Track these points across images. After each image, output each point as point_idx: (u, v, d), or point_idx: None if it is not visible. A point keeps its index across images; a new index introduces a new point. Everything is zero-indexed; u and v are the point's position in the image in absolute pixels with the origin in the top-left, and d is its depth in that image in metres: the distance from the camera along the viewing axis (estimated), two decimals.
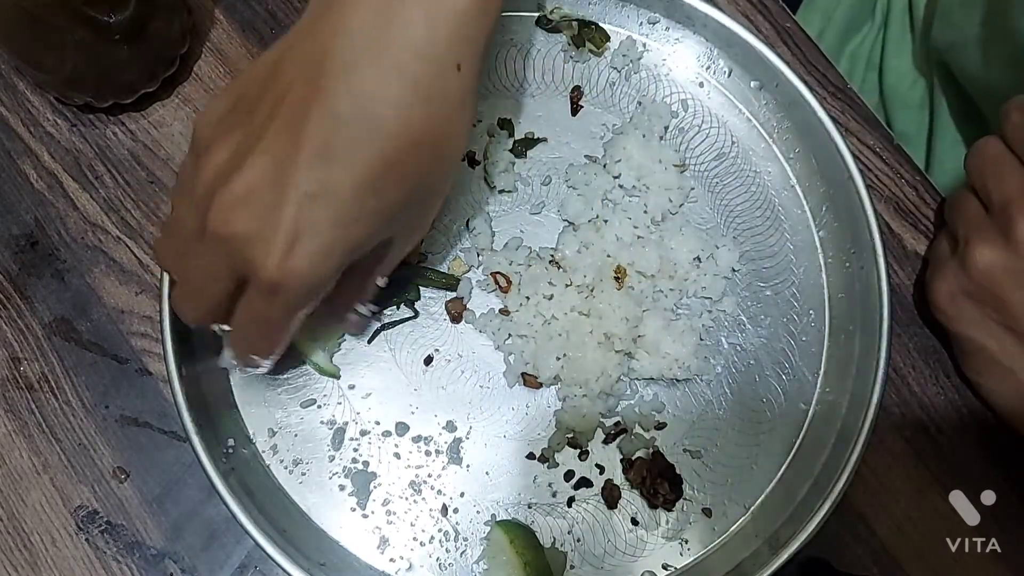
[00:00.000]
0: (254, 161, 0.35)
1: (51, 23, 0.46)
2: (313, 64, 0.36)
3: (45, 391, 0.50)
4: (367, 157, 0.36)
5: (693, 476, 0.48)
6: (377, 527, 0.47)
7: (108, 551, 0.48)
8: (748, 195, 0.52)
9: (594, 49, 0.53)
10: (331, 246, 0.36)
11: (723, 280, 0.50)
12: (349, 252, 0.37)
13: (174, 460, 0.49)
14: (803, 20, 0.57)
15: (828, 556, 0.47)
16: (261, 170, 0.35)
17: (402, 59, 0.36)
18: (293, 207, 0.35)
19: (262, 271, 0.36)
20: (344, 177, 0.35)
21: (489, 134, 0.52)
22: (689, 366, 0.48)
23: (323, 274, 0.37)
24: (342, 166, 0.35)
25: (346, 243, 0.37)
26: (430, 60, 0.36)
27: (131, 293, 0.51)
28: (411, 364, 0.49)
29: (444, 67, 0.37)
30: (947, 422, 0.49)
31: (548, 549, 0.47)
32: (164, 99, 0.54)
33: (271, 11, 0.55)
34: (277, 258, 0.35)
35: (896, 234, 0.52)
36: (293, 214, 0.35)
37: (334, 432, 0.48)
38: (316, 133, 0.35)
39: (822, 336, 0.50)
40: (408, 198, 0.38)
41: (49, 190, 0.53)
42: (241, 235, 0.36)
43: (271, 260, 0.35)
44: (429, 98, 0.36)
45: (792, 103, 0.51)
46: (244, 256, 0.36)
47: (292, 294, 0.37)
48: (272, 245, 0.35)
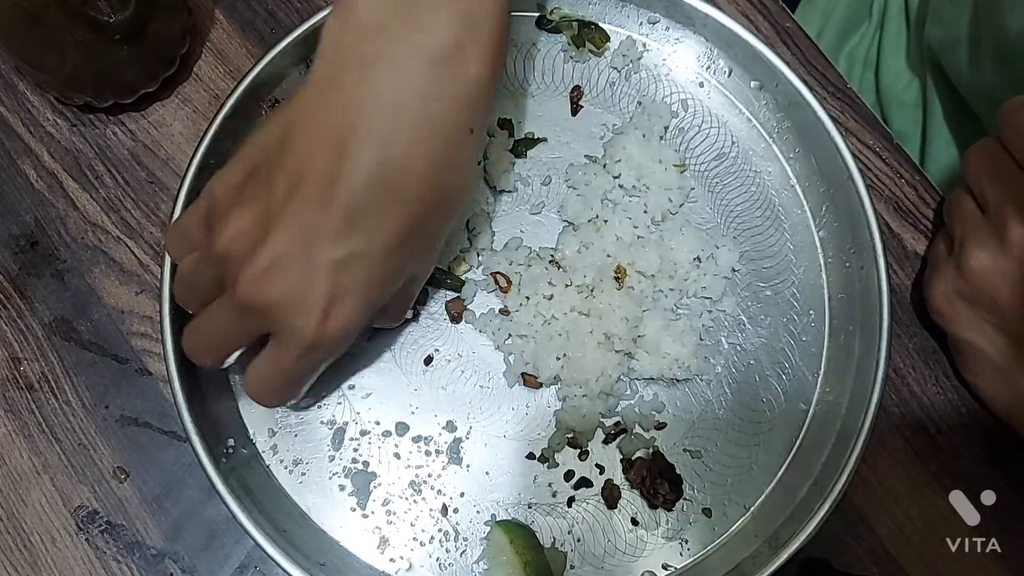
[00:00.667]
0: (279, 234, 0.37)
1: (51, 23, 0.46)
2: (333, 139, 0.37)
3: (45, 391, 0.50)
4: (394, 225, 0.38)
5: (693, 476, 0.48)
6: (377, 527, 0.47)
7: (108, 551, 0.48)
8: (748, 195, 0.52)
9: (594, 49, 0.53)
10: (365, 304, 0.39)
11: (723, 280, 0.50)
12: (380, 304, 0.41)
13: (174, 460, 0.49)
14: (802, 20, 0.57)
15: (828, 556, 0.47)
16: (288, 242, 0.37)
17: (422, 133, 0.38)
18: (325, 274, 0.37)
19: (301, 335, 0.38)
20: (372, 244, 0.38)
21: (489, 134, 0.52)
22: (689, 366, 0.48)
23: (358, 328, 0.40)
24: (370, 234, 0.38)
25: (379, 298, 0.40)
26: (449, 130, 0.38)
27: (131, 293, 0.51)
28: (411, 364, 0.49)
29: (460, 135, 0.39)
30: (947, 422, 0.49)
31: (548, 549, 0.47)
32: (164, 99, 0.54)
33: (271, 11, 0.55)
34: (315, 322, 0.38)
35: (896, 234, 0.52)
36: (326, 281, 0.37)
37: (334, 432, 0.48)
38: (342, 205, 0.37)
39: (822, 336, 0.50)
40: (429, 247, 0.42)
41: (49, 190, 0.53)
42: (276, 304, 0.38)
43: (310, 325, 0.38)
44: (448, 164, 0.39)
45: (792, 103, 0.51)
46: (280, 323, 0.39)
47: (328, 351, 0.40)
48: (310, 311, 0.38)
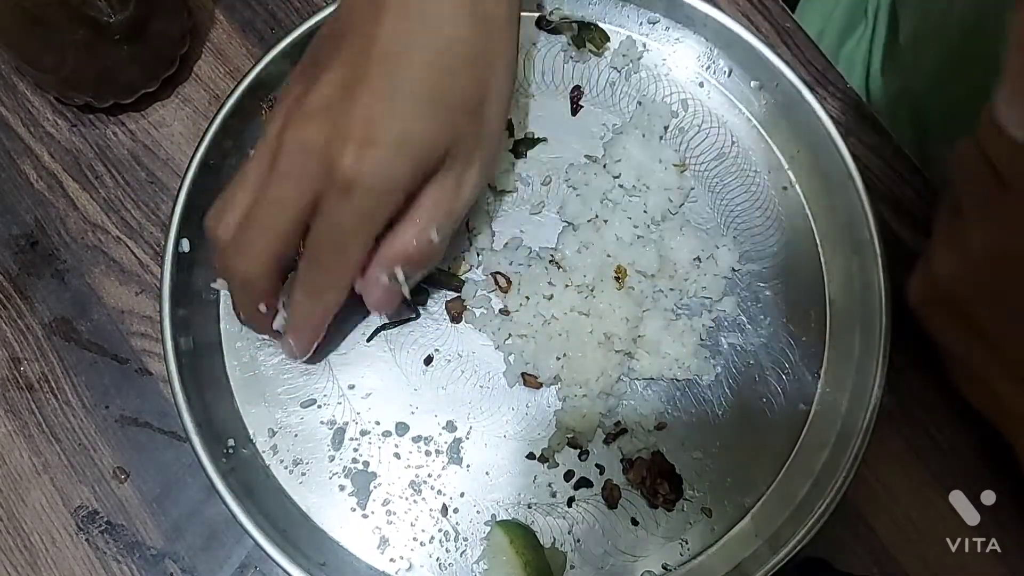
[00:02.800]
0: (325, 79, 0.40)
1: (51, 23, 0.46)
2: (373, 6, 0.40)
3: (45, 391, 0.50)
4: (426, 60, 0.40)
5: (693, 476, 0.48)
6: (377, 527, 0.47)
7: (108, 551, 0.48)
8: (748, 195, 0.52)
9: (594, 49, 0.53)
10: (401, 140, 0.40)
11: (723, 280, 0.50)
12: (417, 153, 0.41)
13: (174, 460, 0.49)
14: (801, 21, 0.57)
15: (828, 556, 0.47)
16: (332, 85, 0.40)
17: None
18: (363, 106, 0.39)
19: (338, 169, 0.39)
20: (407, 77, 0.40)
21: None
22: (689, 366, 0.48)
23: (396, 173, 0.40)
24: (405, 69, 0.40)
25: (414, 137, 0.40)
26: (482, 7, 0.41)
27: (131, 293, 0.51)
28: (411, 364, 0.49)
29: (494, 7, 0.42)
30: (947, 422, 0.49)
31: (548, 549, 0.47)
32: (164, 99, 0.54)
33: (271, 11, 0.55)
34: (353, 154, 0.39)
35: (896, 234, 0.52)
36: (364, 112, 0.39)
37: (334, 432, 0.48)
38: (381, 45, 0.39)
39: (822, 336, 0.50)
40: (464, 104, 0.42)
41: (49, 190, 0.53)
42: (317, 138, 0.39)
43: (347, 156, 0.39)
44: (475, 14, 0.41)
45: (792, 103, 0.51)
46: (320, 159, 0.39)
47: (368, 194, 0.40)
48: (347, 141, 0.39)
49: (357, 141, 0.39)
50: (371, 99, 0.39)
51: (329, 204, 0.40)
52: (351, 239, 0.41)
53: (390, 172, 0.40)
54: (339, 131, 0.39)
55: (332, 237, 0.41)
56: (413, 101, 0.40)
